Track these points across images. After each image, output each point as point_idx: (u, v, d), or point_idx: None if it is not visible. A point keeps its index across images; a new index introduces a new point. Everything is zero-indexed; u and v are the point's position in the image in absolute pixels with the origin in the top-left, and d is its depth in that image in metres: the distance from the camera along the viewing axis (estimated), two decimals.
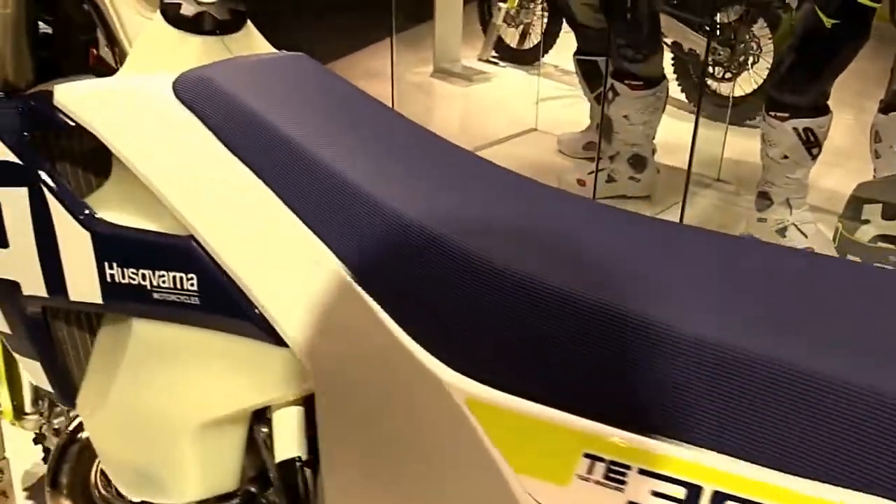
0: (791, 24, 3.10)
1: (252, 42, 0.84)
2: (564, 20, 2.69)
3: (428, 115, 3.69)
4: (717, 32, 3.58)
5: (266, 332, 0.70)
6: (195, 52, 0.80)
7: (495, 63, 4.40)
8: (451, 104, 3.95)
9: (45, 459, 1.52)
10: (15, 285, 0.85)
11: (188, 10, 0.80)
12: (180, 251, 0.73)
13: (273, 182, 0.71)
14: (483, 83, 4.15)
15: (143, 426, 0.80)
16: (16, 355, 0.94)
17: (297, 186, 0.70)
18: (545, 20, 4.25)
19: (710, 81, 3.55)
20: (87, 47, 0.95)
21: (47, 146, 0.83)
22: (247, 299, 0.70)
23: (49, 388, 0.92)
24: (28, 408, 1.30)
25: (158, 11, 0.82)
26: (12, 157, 0.82)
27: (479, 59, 4.40)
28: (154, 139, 0.76)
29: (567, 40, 4.21)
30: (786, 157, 2.16)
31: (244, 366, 0.73)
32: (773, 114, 2.14)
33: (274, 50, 0.87)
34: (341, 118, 0.79)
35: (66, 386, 0.91)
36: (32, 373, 0.93)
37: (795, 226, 2.23)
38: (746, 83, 3.44)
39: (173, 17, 0.80)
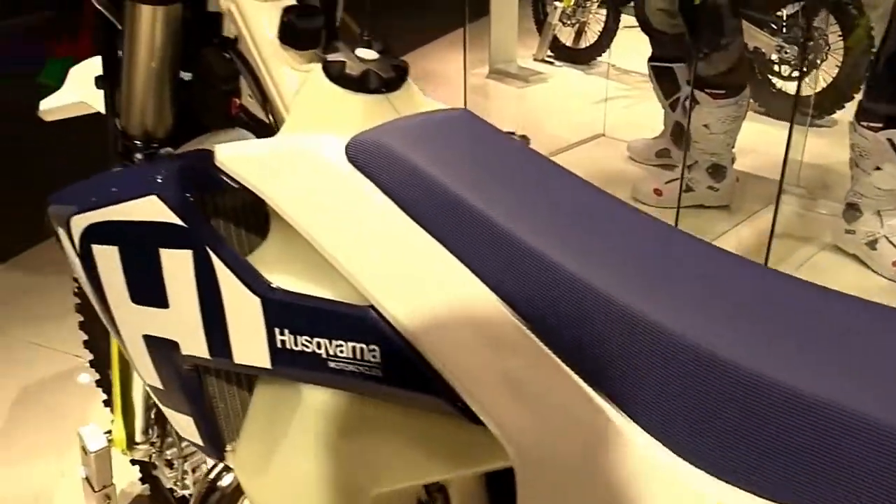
0: (868, 28, 3.03)
1: (413, 97, 0.82)
2: (638, 25, 2.63)
3: (488, 119, 3.66)
4: (784, 30, 3.51)
5: (455, 407, 0.68)
6: (360, 111, 0.78)
7: (550, 63, 4.36)
8: (509, 107, 3.92)
9: (142, 480, 1.53)
10: (173, 344, 0.85)
11: (353, 69, 0.78)
12: (360, 321, 0.72)
13: (457, 248, 0.69)
14: (540, 84, 4.12)
15: (311, 493, 0.79)
16: (164, 409, 0.94)
17: (483, 253, 0.68)
18: (602, 18, 4.20)
19: (776, 80, 3.48)
20: (228, 97, 0.94)
21: (206, 206, 0.82)
22: (435, 373, 0.68)
23: (198, 442, 0.92)
24: (139, 437, 1.31)
25: (319, 68, 0.80)
26: (176, 219, 0.81)
27: (535, 59, 4.36)
28: (329, 205, 0.74)
29: (625, 38, 4.16)
30: (878, 168, 2.11)
31: (428, 439, 0.72)
32: (864, 123, 2.09)
33: (435, 104, 0.85)
34: (514, 178, 0.77)
35: (215, 440, 0.90)
36: (181, 426, 0.93)
37: (886, 238, 2.17)
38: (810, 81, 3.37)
39: (337, 75, 0.78)
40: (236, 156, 0.80)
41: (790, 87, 3.53)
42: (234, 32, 0.93)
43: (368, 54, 0.81)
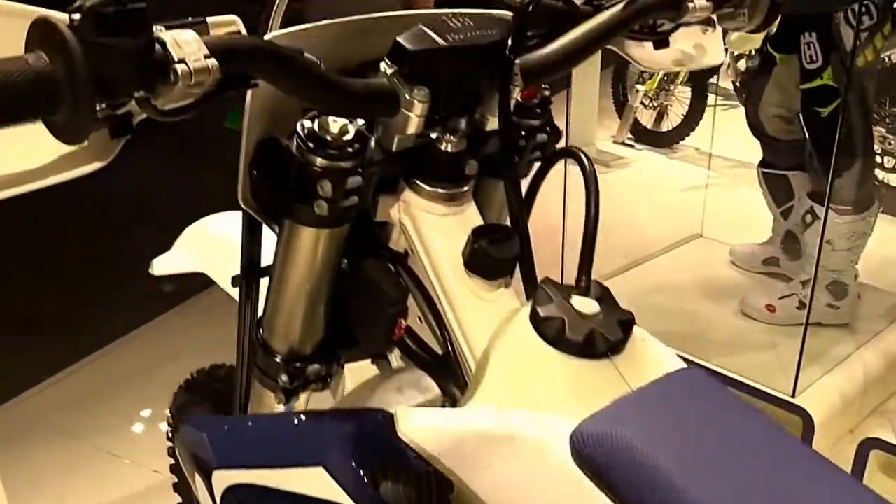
0: None
1: (637, 354, 0.68)
2: (749, 128, 2.48)
3: (570, 210, 3.52)
4: (887, 119, 3.35)
5: None
6: (582, 381, 0.64)
7: (631, 146, 4.22)
8: None
9: None
10: None
11: (575, 329, 0.64)
12: None
13: None
14: (622, 169, 3.97)
15: None
16: None
17: None
18: (686, 98, 4.06)
19: (879, 172, 3.29)
20: (394, 318, 0.80)
21: (380, 481, 0.68)
22: None
23: None
24: None
25: (525, 320, 0.66)
26: (345, 499, 0.67)
27: (615, 142, 4.22)
28: None
29: (708, 119, 4.00)
30: None
31: None
32: None
33: (657, 353, 0.70)
34: (754, 465, 0.62)
35: None
36: None
37: None
38: None
39: (554, 336, 0.64)
40: (428, 428, 0.66)
41: (893, 179, 3.35)
42: (404, 245, 0.80)
43: (587, 305, 0.66)
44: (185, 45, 0.53)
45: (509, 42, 0.70)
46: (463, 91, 0.72)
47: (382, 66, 0.69)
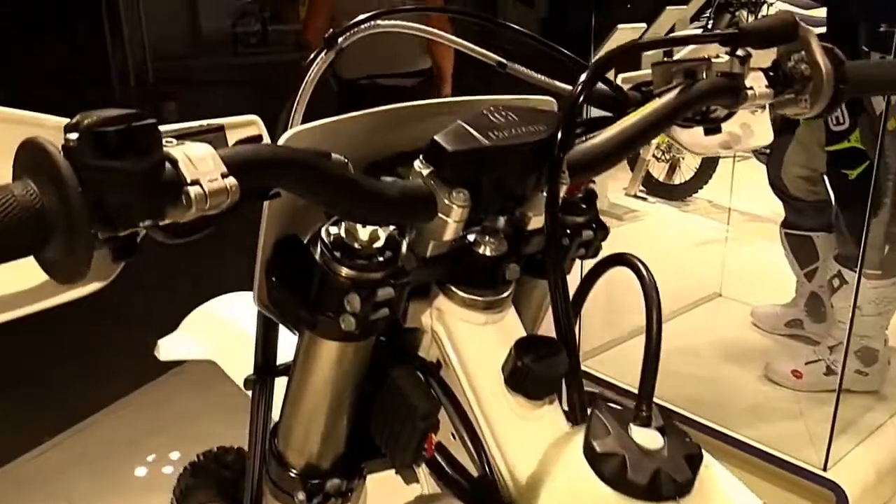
0: None
1: (707, 492, 0.60)
2: (772, 191, 2.41)
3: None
4: None
5: None
6: None
7: (643, 199, 4.17)
8: (605, 250, 3.71)
9: None
10: None
11: (638, 470, 0.56)
12: None
13: None
14: (635, 222, 3.91)
15: None
16: None
17: None
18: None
19: None
20: (423, 434, 0.72)
21: None
22: None
23: None
24: None
25: (580, 456, 0.59)
26: None
27: (627, 194, 4.17)
28: None
29: (724, 174, 3.95)
30: None
31: None
32: None
33: (733, 500, 0.62)
34: None
35: None
36: None
37: None
38: None
39: (613, 476, 0.56)
40: None
41: None
42: (436, 355, 0.73)
43: (650, 439, 0.59)
44: (199, 163, 0.46)
45: (558, 137, 0.63)
46: (506, 192, 0.65)
47: (417, 165, 0.62)
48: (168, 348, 1.15)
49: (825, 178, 2.20)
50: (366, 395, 0.74)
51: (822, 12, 3.49)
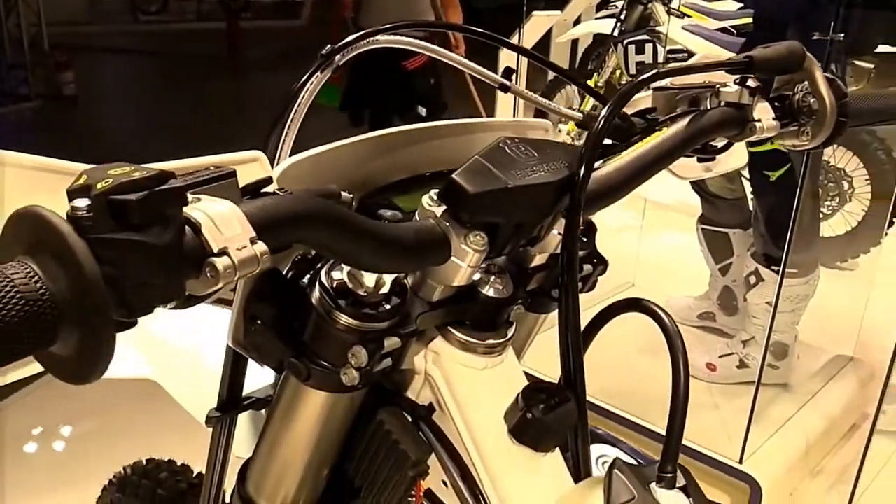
0: None
1: None
2: (691, 186, 2.45)
3: None
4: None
5: None
6: None
7: None
8: None
9: None
10: None
11: None
12: None
13: None
14: None
15: None
16: None
17: None
18: None
19: None
20: (413, 482, 0.67)
21: None
22: None
23: None
24: None
25: None
26: None
27: None
28: None
29: None
30: None
31: None
32: None
33: None
34: None
35: None
36: None
37: None
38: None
39: None
40: None
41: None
42: (428, 398, 0.67)
43: (677, 502, 0.56)
44: (224, 227, 0.38)
45: (580, 176, 0.59)
46: (524, 233, 0.60)
47: (426, 202, 0.56)
48: (112, 371, 1.05)
49: (743, 177, 2.25)
50: (349, 438, 0.69)
51: (725, 5, 3.58)
